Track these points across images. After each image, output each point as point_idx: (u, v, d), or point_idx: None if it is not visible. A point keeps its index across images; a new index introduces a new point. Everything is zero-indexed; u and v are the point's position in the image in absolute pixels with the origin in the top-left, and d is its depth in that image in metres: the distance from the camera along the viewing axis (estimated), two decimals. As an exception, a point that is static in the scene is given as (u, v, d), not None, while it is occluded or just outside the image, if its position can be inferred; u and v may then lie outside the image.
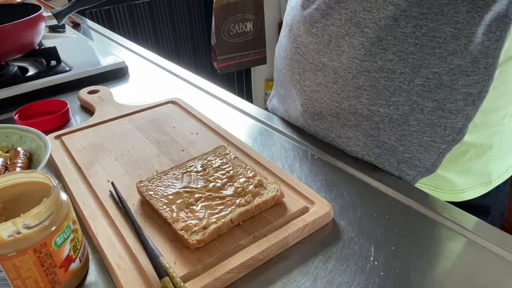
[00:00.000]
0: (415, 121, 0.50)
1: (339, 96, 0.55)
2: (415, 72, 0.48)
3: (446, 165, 0.54)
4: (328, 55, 0.54)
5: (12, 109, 0.67)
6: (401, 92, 0.50)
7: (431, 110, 0.49)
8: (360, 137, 0.55)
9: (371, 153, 0.55)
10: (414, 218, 0.45)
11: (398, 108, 0.51)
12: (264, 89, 2.62)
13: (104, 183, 0.49)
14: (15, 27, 0.72)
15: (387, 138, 0.53)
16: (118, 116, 0.64)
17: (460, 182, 0.55)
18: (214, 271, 0.37)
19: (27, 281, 0.34)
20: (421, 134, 0.51)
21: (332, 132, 0.58)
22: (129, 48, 1.03)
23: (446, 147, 0.50)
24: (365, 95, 0.52)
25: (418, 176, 0.53)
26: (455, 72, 0.47)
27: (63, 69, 0.82)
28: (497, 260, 0.40)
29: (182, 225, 0.40)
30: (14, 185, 0.37)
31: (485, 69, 0.46)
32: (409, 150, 0.52)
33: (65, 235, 0.35)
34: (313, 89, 0.58)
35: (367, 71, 0.51)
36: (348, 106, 0.54)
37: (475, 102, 0.48)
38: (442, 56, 0.47)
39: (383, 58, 0.49)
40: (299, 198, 0.45)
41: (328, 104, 0.57)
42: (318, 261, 0.40)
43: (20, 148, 0.52)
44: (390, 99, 0.51)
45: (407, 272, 0.38)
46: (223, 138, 0.58)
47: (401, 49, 0.48)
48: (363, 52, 0.50)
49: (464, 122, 0.49)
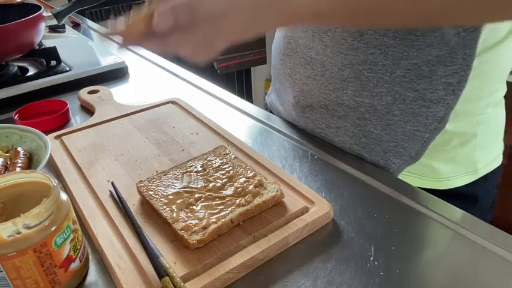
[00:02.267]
0: (398, 111, 0.53)
1: (326, 88, 0.57)
2: (395, 64, 0.50)
3: (431, 153, 0.55)
4: (315, 49, 0.56)
5: (12, 109, 0.67)
6: (383, 83, 0.52)
7: (412, 100, 0.51)
8: (348, 127, 0.57)
9: (359, 143, 0.57)
10: (414, 218, 0.45)
11: (381, 98, 0.53)
12: (264, 89, 2.62)
13: (104, 183, 0.49)
14: (15, 27, 0.72)
15: (373, 128, 0.55)
16: (118, 116, 0.64)
17: (445, 170, 0.57)
18: (214, 271, 0.37)
19: (27, 281, 0.34)
20: (405, 124, 0.53)
21: (322, 123, 0.60)
22: (129, 48, 1.03)
23: (429, 135, 0.53)
24: (350, 86, 0.54)
25: (404, 165, 0.55)
26: (434, 63, 0.49)
27: (63, 69, 0.82)
28: (497, 260, 0.40)
29: (182, 225, 0.40)
30: (14, 185, 0.37)
31: (463, 59, 0.48)
32: (394, 139, 0.54)
33: (65, 235, 0.35)
34: (304, 82, 0.60)
35: (351, 63, 0.53)
36: (335, 98, 0.56)
37: (454, 91, 0.50)
38: (420, 48, 0.48)
39: (365, 52, 0.51)
40: (299, 198, 0.45)
41: (317, 96, 0.59)
42: (318, 261, 0.40)
43: (20, 148, 0.52)
44: (374, 90, 0.53)
45: (407, 272, 0.38)
46: (223, 138, 0.58)
47: (382, 42, 0.50)
48: (346, 46, 0.52)
49: (445, 111, 0.51)
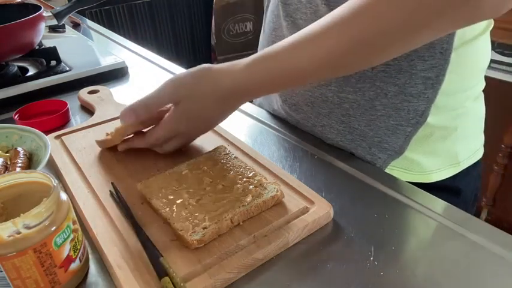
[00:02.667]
0: (381, 106, 0.54)
1: (310, 85, 0.58)
2: None
3: (414, 147, 0.56)
4: None
5: (12, 109, 0.67)
6: (365, 78, 0.53)
7: (394, 95, 0.53)
8: (333, 124, 0.58)
9: (344, 140, 0.58)
10: (414, 218, 0.45)
11: (364, 94, 0.54)
12: (264, 89, 2.62)
13: (104, 183, 0.49)
14: (15, 27, 0.72)
15: (357, 124, 0.56)
16: (118, 116, 0.64)
17: (428, 164, 0.57)
18: (214, 271, 0.37)
19: (27, 281, 0.34)
20: (387, 118, 0.54)
21: (309, 122, 0.61)
22: (129, 48, 1.03)
23: (411, 129, 0.54)
24: (334, 82, 0.56)
25: (389, 159, 0.56)
26: (413, 58, 0.50)
27: (63, 69, 0.82)
28: (497, 260, 0.40)
29: (182, 225, 0.40)
30: (14, 185, 0.37)
31: (440, 54, 0.49)
32: (378, 134, 0.55)
33: (65, 235, 0.35)
34: None
35: None
36: (320, 94, 0.57)
37: (434, 85, 0.51)
38: None
39: None
40: (299, 198, 0.45)
41: (302, 94, 0.60)
42: (318, 261, 0.40)
43: (20, 148, 0.52)
44: (356, 86, 0.54)
45: (407, 272, 0.38)
46: (223, 138, 0.58)
47: None
48: None
49: (426, 105, 0.52)
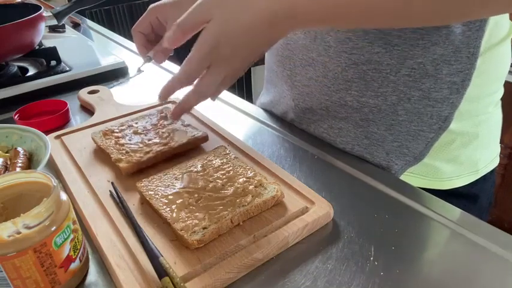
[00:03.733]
0: (403, 110, 0.52)
1: (329, 89, 0.56)
2: (400, 63, 0.50)
3: (434, 153, 0.55)
4: (316, 50, 0.55)
5: (12, 109, 0.67)
6: (388, 82, 0.52)
7: (417, 99, 0.51)
8: (350, 128, 0.57)
9: (361, 144, 0.56)
10: (414, 218, 0.45)
11: (386, 98, 0.52)
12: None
13: (104, 183, 0.49)
14: (15, 27, 0.72)
15: (376, 129, 0.55)
16: (118, 116, 0.64)
17: (447, 170, 0.57)
18: (214, 271, 0.37)
19: (27, 281, 0.34)
20: (409, 123, 0.53)
21: (324, 124, 0.60)
22: (129, 48, 1.03)
23: (434, 136, 0.53)
24: (354, 87, 0.54)
25: (406, 166, 0.55)
26: (439, 62, 0.49)
27: (63, 69, 0.82)
28: (497, 260, 0.40)
29: (182, 225, 0.40)
30: (14, 185, 0.37)
31: (467, 58, 0.48)
32: (398, 139, 0.54)
33: (65, 235, 0.35)
34: (304, 83, 0.59)
35: (355, 63, 0.52)
36: (338, 99, 0.56)
37: (459, 90, 0.50)
38: (425, 47, 0.48)
39: (370, 51, 0.51)
40: (299, 198, 0.45)
41: (318, 98, 0.58)
42: (318, 261, 0.40)
43: (20, 148, 0.52)
44: (378, 90, 0.52)
45: (407, 272, 0.38)
46: (223, 138, 0.58)
47: (386, 41, 0.49)
48: (350, 46, 0.52)
49: (449, 110, 0.51)
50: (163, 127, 0.58)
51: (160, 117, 0.60)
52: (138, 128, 0.58)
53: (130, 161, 0.50)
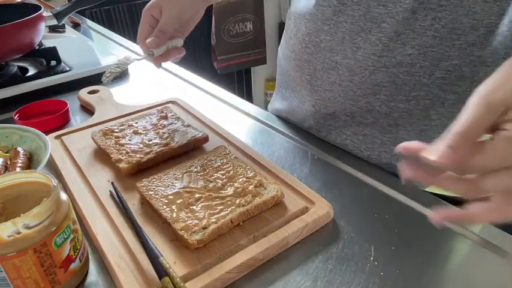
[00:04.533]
0: (436, 115, 0.50)
1: (355, 94, 0.54)
2: (435, 65, 0.48)
3: None
4: (342, 53, 0.53)
5: (12, 109, 0.67)
6: (421, 86, 0.49)
7: (452, 103, 0.49)
8: (377, 134, 0.54)
9: (388, 150, 0.54)
10: (414, 218, 0.45)
11: (418, 102, 0.50)
12: (264, 89, 2.62)
13: (104, 183, 0.49)
14: (15, 27, 0.72)
15: (406, 135, 0.53)
16: (118, 116, 0.64)
17: None
18: (214, 271, 0.37)
19: (27, 281, 0.34)
20: (442, 128, 0.51)
21: (347, 130, 0.57)
22: (129, 48, 1.03)
23: None
24: (384, 91, 0.52)
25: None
26: (476, 64, 0.47)
27: (63, 69, 0.82)
28: (497, 260, 0.40)
29: (182, 225, 0.40)
30: (14, 185, 0.37)
31: (504, 59, 0.46)
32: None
33: (65, 235, 0.35)
34: (326, 88, 0.57)
35: (386, 66, 0.50)
36: (365, 104, 0.54)
37: None
38: (462, 48, 0.47)
39: (402, 53, 0.49)
40: (299, 198, 0.45)
41: (342, 103, 0.56)
42: (318, 261, 0.40)
43: (20, 148, 0.52)
44: (410, 94, 0.50)
45: (407, 272, 0.38)
46: (223, 138, 0.58)
47: (420, 43, 0.48)
48: (380, 48, 0.50)
49: None
50: (163, 127, 0.58)
51: (160, 117, 0.60)
52: (138, 127, 0.58)
53: (130, 161, 0.50)
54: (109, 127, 0.57)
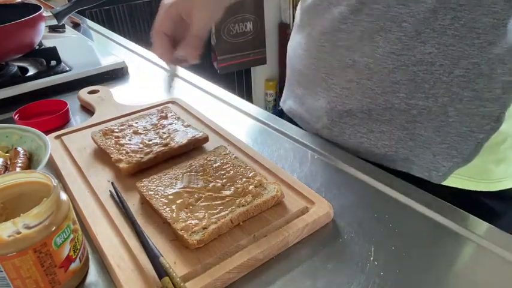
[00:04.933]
0: (454, 111, 0.51)
1: (373, 92, 0.54)
2: (454, 63, 0.49)
3: (484, 154, 0.53)
4: (360, 51, 0.53)
5: (12, 109, 0.67)
6: (441, 84, 0.50)
7: (470, 100, 0.50)
8: (394, 131, 0.55)
9: (405, 146, 0.54)
10: (414, 218, 0.45)
11: (437, 99, 0.51)
12: (264, 89, 2.62)
13: (104, 183, 0.49)
14: (15, 27, 0.72)
15: (423, 131, 0.53)
16: (118, 116, 0.64)
17: (497, 172, 0.55)
18: (214, 271, 0.37)
19: (27, 281, 0.34)
20: (459, 124, 0.51)
21: (363, 128, 0.57)
22: (129, 48, 1.03)
23: (484, 136, 0.51)
24: (403, 89, 0.52)
25: (454, 167, 0.53)
26: (494, 61, 0.48)
27: (63, 69, 0.82)
28: (497, 260, 0.40)
29: (182, 225, 0.40)
30: (14, 185, 0.37)
31: None
32: (446, 141, 0.52)
33: (65, 235, 0.35)
34: (343, 86, 0.57)
35: (405, 65, 0.51)
36: (383, 101, 0.54)
37: (511, 89, 0.49)
38: (481, 46, 0.47)
39: (422, 51, 0.49)
40: (299, 198, 0.45)
41: (359, 101, 0.56)
42: (318, 261, 0.40)
43: (20, 148, 0.52)
44: (430, 92, 0.51)
45: (407, 272, 0.38)
46: (223, 138, 0.58)
47: (440, 41, 0.48)
48: (400, 46, 0.50)
49: (501, 110, 0.50)
50: (163, 127, 0.58)
51: (160, 117, 0.60)
52: (138, 127, 0.58)
53: (130, 161, 0.50)
54: (109, 127, 0.58)
